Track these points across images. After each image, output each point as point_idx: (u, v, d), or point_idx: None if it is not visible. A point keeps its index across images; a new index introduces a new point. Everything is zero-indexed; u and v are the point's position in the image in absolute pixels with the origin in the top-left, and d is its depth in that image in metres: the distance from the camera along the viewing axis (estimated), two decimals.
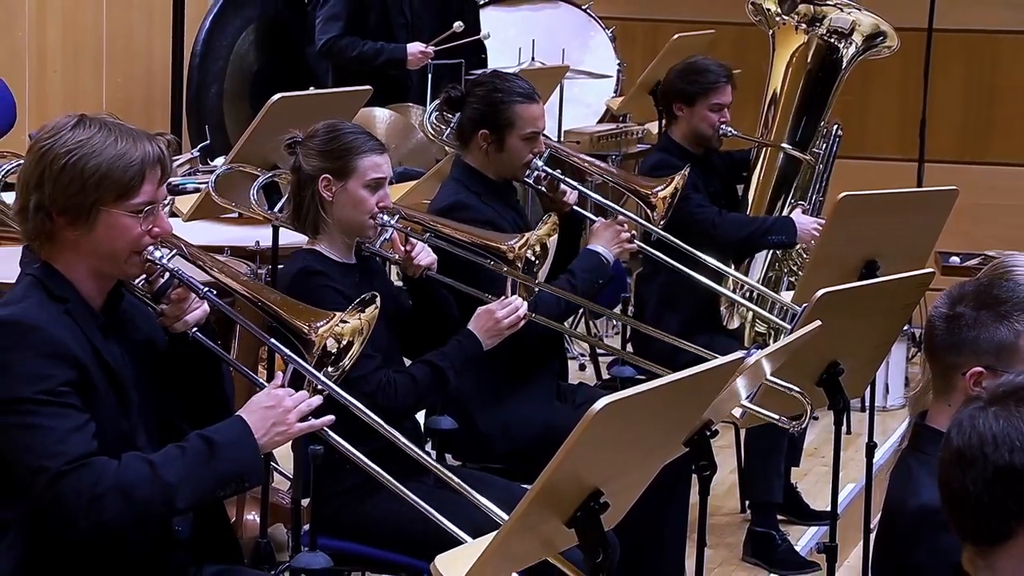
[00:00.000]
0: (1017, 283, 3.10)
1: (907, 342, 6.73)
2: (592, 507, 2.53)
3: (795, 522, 5.37)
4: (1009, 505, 2.28)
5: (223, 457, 2.90)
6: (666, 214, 4.69)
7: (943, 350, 2.95)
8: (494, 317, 3.87)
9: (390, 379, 3.75)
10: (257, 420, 2.93)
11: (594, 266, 4.46)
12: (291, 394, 2.97)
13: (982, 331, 2.90)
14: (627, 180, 4.92)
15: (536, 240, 3.98)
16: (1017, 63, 8.43)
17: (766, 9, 5.83)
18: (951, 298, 2.98)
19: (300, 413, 2.96)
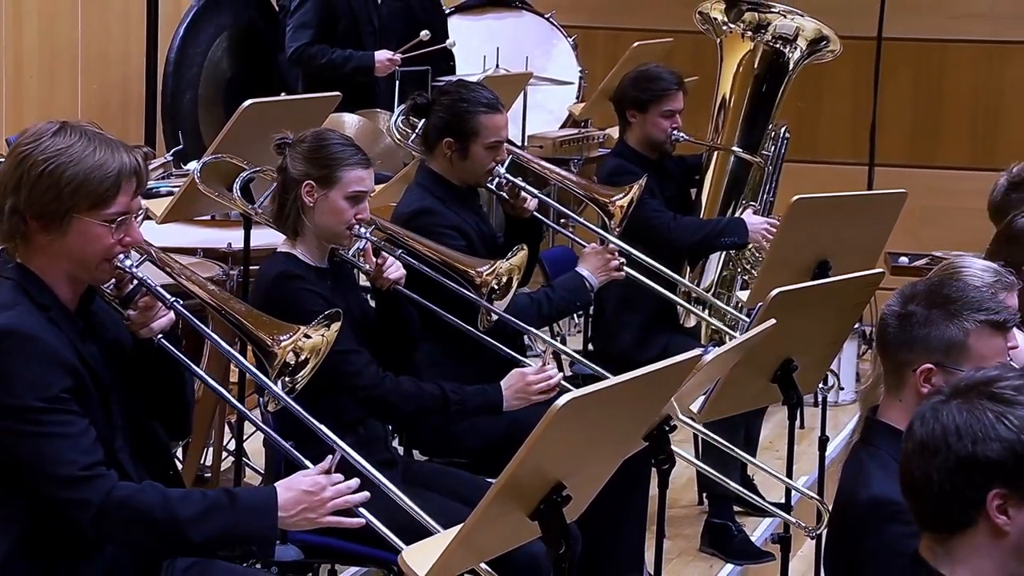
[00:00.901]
0: (966, 283, 3.12)
1: (858, 339, 6.76)
2: (555, 500, 2.53)
3: (751, 514, 5.38)
4: (970, 494, 2.29)
5: (240, 514, 2.91)
6: (622, 222, 4.70)
7: (895, 347, 2.96)
8: (526, 380, 3.86)
9: (390, 379, 3.74)
10: (291, 499, 2.92)
11: (576, 287, 4.47)
12: (335, 483, 2.94)
13: (933, 329, 2.91)
14: (586, 188, 4.92)
15: (506, 270, 3.98)
16: (963, 71, 8.48)
17: (713, 18, 5.85)
18: (903, 297, 2.99)
19: (335, 507, 2.93)
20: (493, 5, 8.26)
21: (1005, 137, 8.29)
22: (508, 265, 3.98)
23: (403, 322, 3.89)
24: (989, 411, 2.28)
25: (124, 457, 2.99)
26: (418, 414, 3.85)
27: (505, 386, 3.86)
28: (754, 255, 5.62)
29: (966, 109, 8.49)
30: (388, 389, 3.73)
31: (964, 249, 4.79)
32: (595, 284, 4.50)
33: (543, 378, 3.86)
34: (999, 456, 2.26)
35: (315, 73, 6.93)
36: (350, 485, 2.95)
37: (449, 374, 3.99)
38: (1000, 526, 2.28)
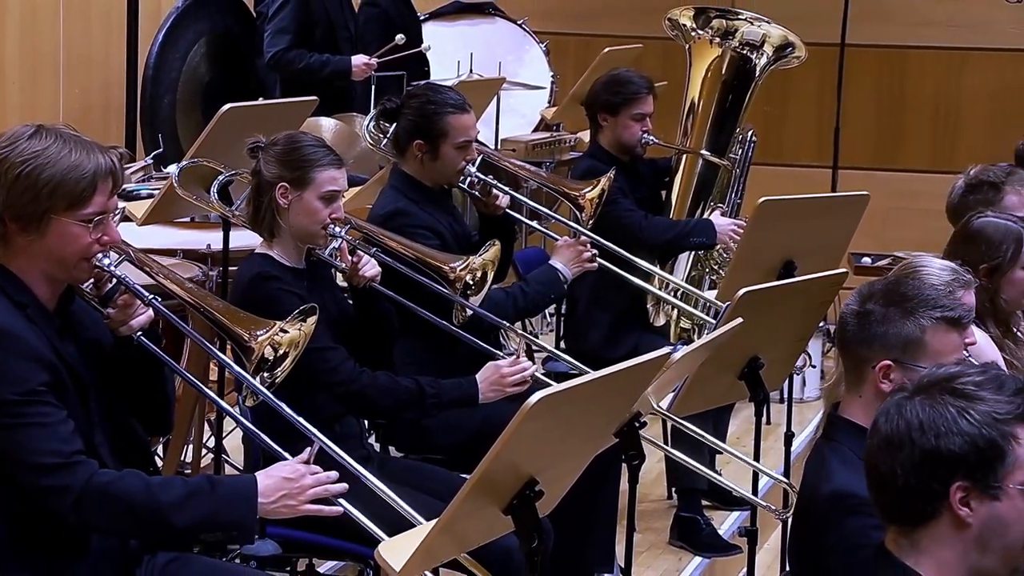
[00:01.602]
0: (923, 281, 3.14)
1: (822, 337, 6.77)
2: (528, 495, 2.53)
3: (718, 507, 5.39)
4: (934, 487, 2.30)
5: (221, 500, 2.90)
6: (594, 214, 4.70)
7: (854, 345, 2.97)
8: (500, 372, 3.85)
9: (367, 374, 3.74)
10: (271, 486, 2.91)
11: (550, 280, 4.47)
12: (315, 472, 2.94)
13: (890, 327, 2.92)
14: (556, 183, 4.92)
15: (479, 265, 3.97)
16: (924, 76, 8.52)
17: (682, 24, 5.86)
18: (862, 296, 3.00)
19: (314, 495, 2.93)
20: (467, 12, 8.26)
21: (964, 141, 8.33)
22: (481, 260, 3.98)
23: (380, 319, 3.88)
24: (951, 406, 2.29)
25: (104, 452, 2.98)
26: (395, 408, 3.84)
27: (480, 379, 3.85)
28: (722, 255, 5.63)
29: (926, 114, 8.53)
30: (364, 384, 3.72)
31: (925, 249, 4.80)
32: (569, 276, 4.50)
33: (517, 370, 3.86)
34: (961, 450, 2.27)
35: (293, 78, 6.92)
36: (330, 475, 2.95)
37: (427, 371, 3.98)
38: (963, 518, 2.29)
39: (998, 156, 5.69)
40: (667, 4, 6.00)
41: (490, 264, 3.99)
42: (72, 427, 2.87)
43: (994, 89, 8.42)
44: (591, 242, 4.57)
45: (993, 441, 2.28)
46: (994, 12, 7.71)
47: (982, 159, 5.21)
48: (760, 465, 4.00)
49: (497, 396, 3.86)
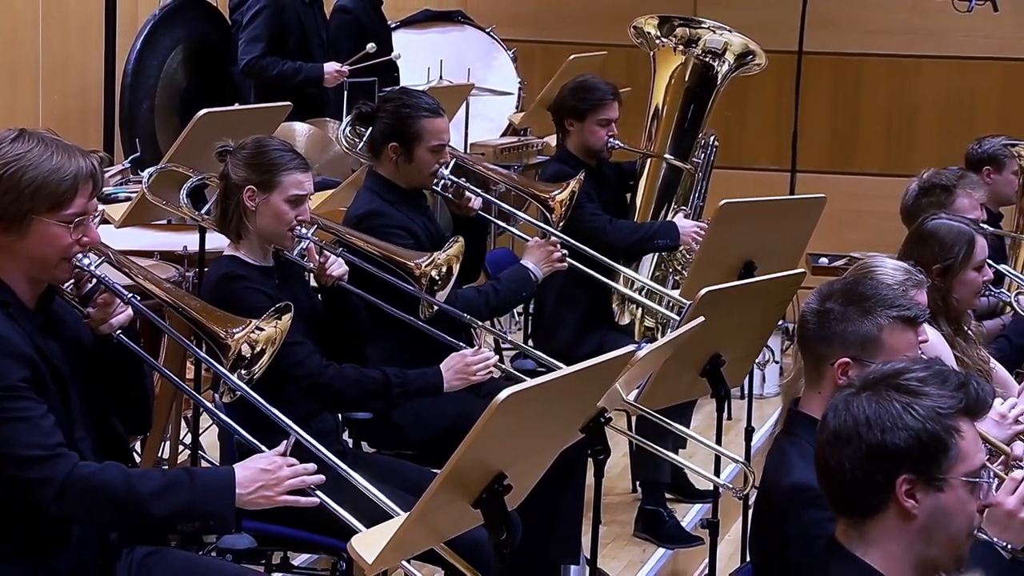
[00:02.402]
0: (880, 282, 3.15)
1: (782, 335, 6.78)
2: (496, 489, 2.53)
3: (681, 500, 5.40)
4: (880, 480, 2.31)
5: (199, 490, 2.90)
6: (564, 216, 4.71)
7: (814, 342, 2.98)
8: (465, 361, 3.87)
9: (333, 366, 3.73)
10: (248, 477, 2.91)
11: (522, 279, 4.48)
12: (291, 464, 2.93)
13: (849, 325, 2.93)
14: (527, 185, 4.93)
15: (444, 260, 3.97)
16: (878, 83, 8.55)
17: (647, 32, 5.87)
18: (821, 295, 3.01)
19: (291, 487, 2.92)
20: (437, 20, 8.26)
21: (918, 145, 8.37)
22: (446, 256, 3.99)
23: (349, 315, 3.89)
24: (896, 402, 2.31)
25: (85, 447, 2.97)
26: (361, 398, 3.85)
27: (445, 368, 3.86)
28: (684, 256, 5.64)
29: (881, 119, 8.56)
30: (331, 376, 3.72)
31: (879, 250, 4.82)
32: (539, 275, 4.50)
33: (481, 359, 3.87)
34: (906, 444, 2.29)
35: (267, 84, 6.90)
36: (307, 467, 2.94)
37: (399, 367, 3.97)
38: (909, 509, 2.30)
39: (950, 160, 5.72)
40: (632, 13, 6.01)
41: (454, 259, 4.00)
42: (53, 421, 2.87)
43: (946, 95, 8.46)
44: (561, 242, 4.58)
45: (937, 435, 2.29)
46: (945, 21, 7.75)
47: (934, 163, 5.24)
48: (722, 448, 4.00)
49: (462, 385, 3.87)
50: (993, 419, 3.30)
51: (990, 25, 7.83)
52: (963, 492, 2.31)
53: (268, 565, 3.94)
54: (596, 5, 8.57)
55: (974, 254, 4.03)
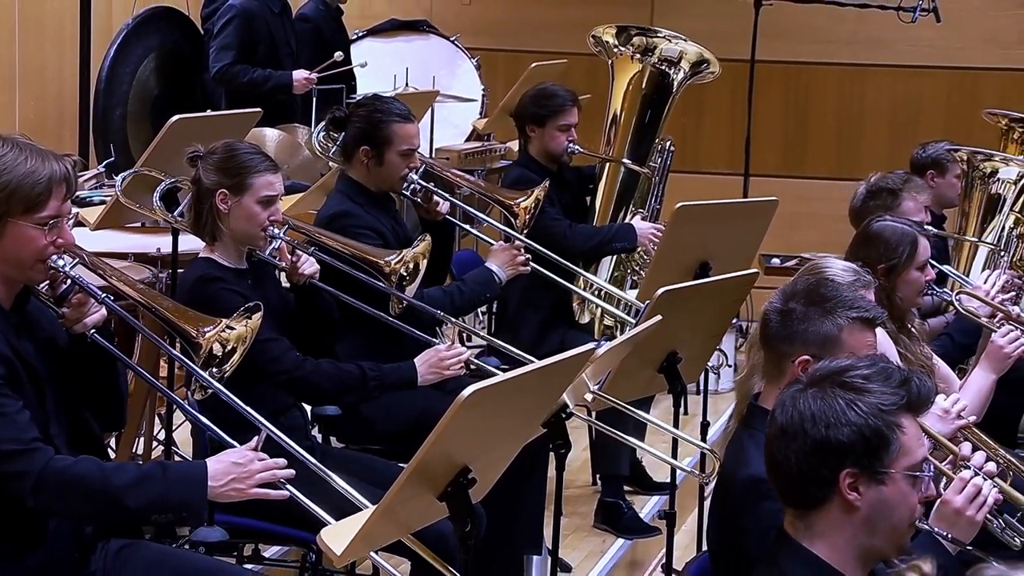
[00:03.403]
0: (840, 283, 3.16)
1: (735, 333, 6.81)
2: (461, 482, 2.53)
3: (639, 492, 5.41)
4: (825, 474, 2.33)
5: (172, 483, 2.89)
6: (528, 223, 4.71)
7: (776, 340, 2.98)
8: (439, 355, 3.87)
9: (309, 361, 3.72)
10: (220, 470, 2.90)
11: (486, 281, 4.48)
12: (263, 459, 2.92)
13: (810, 325, 2.94)
14: (493, 192, 4.92)
15: (411, 257, 3.98)
16: (827, 90, 8.59)
17: (605, 41, 5.87)
18: (784, 295, 3.02)
19: (261, 480, 2.91)
20: (403, 29, 8.25)
21: (865, 150, 8.41)
22: (413, 253, 3.99)
23: (321, 313, 3.88)
24: (840, 398, 2.32)
25: (60, 443, 2.96)
26: (339, 391, 3.84)
27: (419, 362, 3.86)
28: (642, 257, 5.64)
29: (830, 125, 8.60)
30: (308, 371, 3.72)
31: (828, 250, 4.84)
32: (504, 277, 4.51)
33: (454, 354, 3.88)
34: (849, 439, 2.30)
35: (237, 91, 6.88)
36: (278, 461, 2.94)
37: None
38: (852, 502, 2.32)
39: (896, 164, 5.74)
40: (591, 22, 6.01)
41: (421, 256, 4.00)
42: (28, 416, 2.85)
43: (892, 102, 8.51)
44: (524, 247, 4.58)
45: (879, 431, 2.31)
46: (891, 31, 7.79)
47: (881, 167, 5.26)
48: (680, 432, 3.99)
49: (435, 379, 3.87)
50: (937, 414, 3.32)
51: (933, 35, 7.88)
52: (904, 485, 2.33)
53: (240, 557, 3.92)
54: (557, 15, 8.58)
55: (917, 254, 4.05)
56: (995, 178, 5.89)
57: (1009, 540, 2.92)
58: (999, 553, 2.72)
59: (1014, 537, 2.93)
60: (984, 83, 8.29)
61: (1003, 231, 5.87)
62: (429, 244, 4.05)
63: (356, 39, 8.06)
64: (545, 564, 4.36)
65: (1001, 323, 4.25)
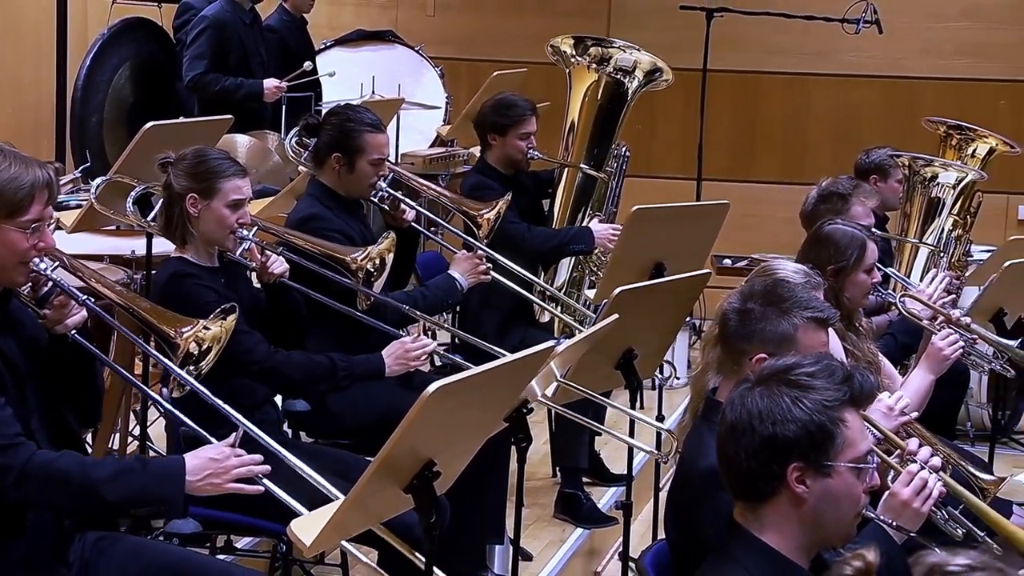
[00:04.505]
0: (796, 284, 3.16)
1: (689, 331, 6.81)
2: (426, 475, 2.51)
3: (597, 484, 5.41)
4: (773, 469, 2.33)
5: (150, 477, 2.87)
6: (490, 233, 4.71)
7: (735, 339, 2.99)
8: (405, 347, 3.86)
9: (282, 352, 3.71)
10: (197, 465, 2.88)
11: (448, 288, 4.47)
12: (239, 455, 2.90)
13: (768, 324, 2.94)
14: (459, 203, 4.91)
15: (377, 254, 3.96)
16: (775, 98, 8.63)
17: (563, 51, 5.87)
18: (743, 295, 3.02)
19: (238, 475, 2.89)
20: (369, 39, 8.24)
21: (811, 155, 8.45)
22: (378, 249, 3.98)
23: (290, 310, 3.86)
24: (786, 396, 2.33)
25: (40, 437, 2.94)
26: (309, 381, 3.83)
27: (386, 354, 3.85)
28: (600, 258, 5.64)
29: (778, 131, 8.64)
30: (280, 361, 3.71)
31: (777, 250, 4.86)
32: (465, 285, 4.50)
33: (419, 346, 3.87)
34: (795, 435, 2.31)
35: (210, 99, 6.84)
36: (254, 457, 2.92)
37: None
38: (799, 495, 2.32)
39: (839, 169, 5.77)
40: (550, 33, 6.01)
41: (387, 252, 3.99)
42: (11, 413, 2.83)
43: (836, 109, 8.56)
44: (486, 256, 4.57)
45: (823, 426, 2.32)
46: (835, 42, 7.83)
47: (826, 172, 5.28)
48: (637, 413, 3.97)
49: (402, 370, 3.86)
50: (881, 411, 3.34)
51: (875, 46, 7.93)
52: (849, 477, 2.34)
53: (212, 548, 3.89)
54: (517, 26, 8.58)
55: (865, 257, 4.07)
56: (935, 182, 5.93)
57: (952, 531, 2.94)
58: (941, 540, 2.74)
59: (956, 528, 2.95)
60: (922, 92, 8.34)
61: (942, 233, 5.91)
62: (393, 240, 4.04)
63: (324, 49, 8.04)
64: (507, 553, 4.35)
65: (941, 326, 4.27)
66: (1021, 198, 8.31)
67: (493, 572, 4.40)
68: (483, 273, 4.52)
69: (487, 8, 8.85)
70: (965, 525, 2.96)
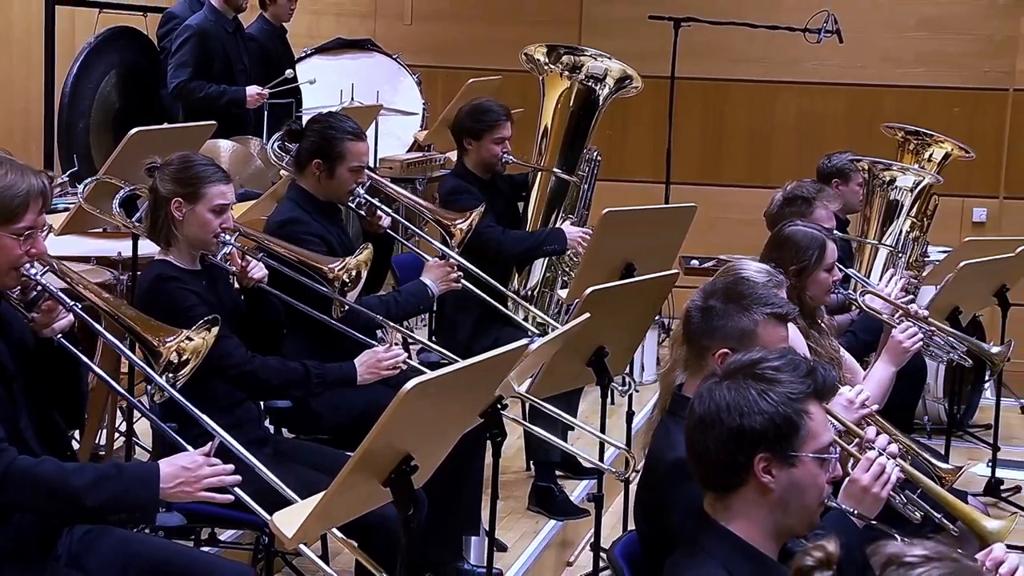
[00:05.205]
0: (756, 282, 3.17)
1: (658, 329, 6.83)
2: (404, 469, 2.51)
3: (570, 477, 5.41)
4: (740, 459, 2.34)
5: (126, 483, 2.85)
6: (462, 243, 4.70)
7: (698, 335, 2.99)
8: (377, 357, 3.84)
9: (258, 357, 3.69)
10: (170, 474, 2.86)
11: (420, 294, 4.47)
12: (212, 464, 2.89)
13: (729, 320, 2.95)
14: (434, 212, 4.91)
15: (354, 265, 3.95)
16: (741, 105, 8.65)
17: (536, 59, 5.88)
18: (705, 293, 3.03)
19: (209, 484, 2.88)
20: (349, 47, 8.22)
21: (775, 160, 8.47)
22: (356, 261, 3.97)
23: (269, 313, 3.85)
24: (753, 389, 2.33)
25: (28, 435, 2.92)
26: (284, 386, 3.81)
27: (359, 363, 3.84)
28: (572, 259, 5.65)
29: (743, 137, 8.66)
30: (256, 366, 3.69)
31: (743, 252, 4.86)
32: (436, 292, 4.50)
33: (391, 356, 3.85)
34: (762, 427, 2.31)
35: (194, 105, 6.82)
36: (227, 468, 2.90)
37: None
38: (766, 484, 2.33)
39: (803, 173, 5.79)
40: (524, 41, 6.01)
41: (363, 264, 3.98)
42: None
43: (799, 116, 8.58)
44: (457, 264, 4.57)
45: (789, 418, 2.32)
46: (799, 51, 7.86)
47: (790, 176, 5.29)
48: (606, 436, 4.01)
49: (373, 378, 3.84)
50: (843, 404, 3.35)
51: (836, 55, 7.96)
52: (813, 467, 2.35)
53: (197, 540, 3.88)
54: (493, 35, 8.58)
55: (825, 257, 4.08)
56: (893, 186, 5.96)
57: (910, 514, 2.95)
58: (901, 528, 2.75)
59: (914, 511, 2.96)
60: (882, 99, 8.38)
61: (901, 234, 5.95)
62: (371, 253, 4.04)
63: (305, 57, 8.02)
64: (483, 544, 4.35)
65: (901, 320, 4.29)
66: (976, 200, 8.37)
67: (469, 562, 4.40)
68: (454, 281, 4.52)
69: (463, 17, 8.85)
70: (923, 508, 2.98)
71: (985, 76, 8.34)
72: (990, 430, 6.07)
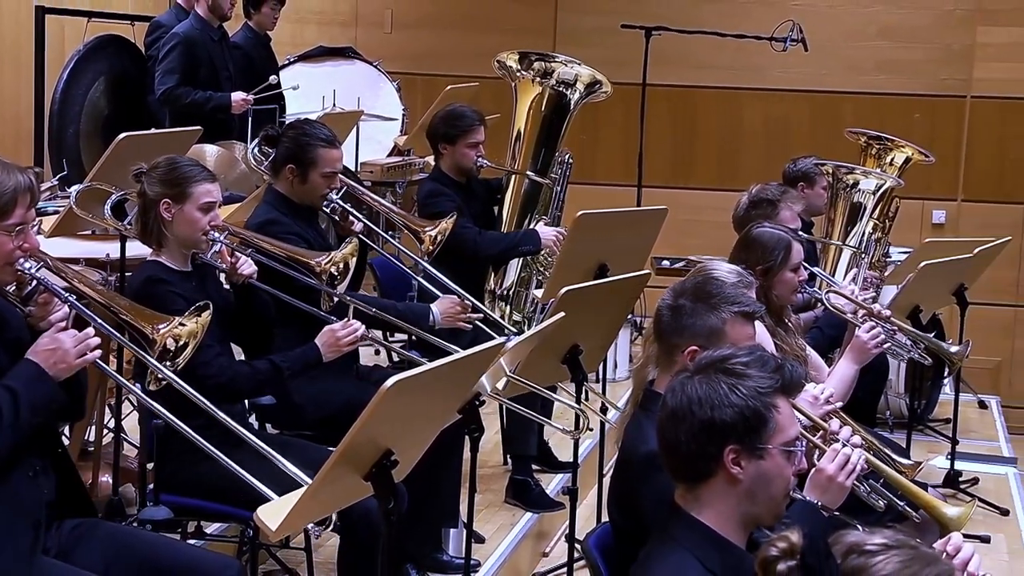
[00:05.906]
0: (725, 282, 3.17)
1: (630, 328, 6.83)
2: (385, 464, 2.50)
3: (546, 471, 5.41)
4: (710, 451, 2.34)
5: (23, 388, 2.82)
6: (432, 251, 4.68)
7: (668, 333, 2.99)
8: (335, 335, 3.80)
9: (232, 366, 3.67)
10: (42, 360, 2.86)
11: (423, 315, 4.49)
12: (72, 336, 2.88)
13: (698, 319, 2.95)
14: (405, 219, 4.90)
15: (340, 258, 3.94)
16: (710, 111, 8.67)
17: (509, 66, 5.88)
18: (675, 292, 3.03)
19: (79, 352, 2.87)
20: (330, 55, 8.21)
21: (743, 164, 8.50)
22: (342, 254, 3.96)
23: (259, 309, 3.83)
24: (723, 383, 2.34)
25: None
26: (257, 388, 3.81)
27: (320, 343, 3.80)
28: (547, 260, 5.65)
29: (712, 142, 8.68)
30: (229, 377, 3.65)
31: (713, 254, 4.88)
32: (438, 322, 4.51)
33: (350, 331, 3.82)
34: (732, 419, 2.32)
35: (181, 111, 6.80)
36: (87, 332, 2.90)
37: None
38: (735, 475, 2.34)
39: (770, 176, 5.81)
40: (501, 49, 6.01)
41: (350, 256, 3.97)
42: None
43: (766, 121, 8.61)
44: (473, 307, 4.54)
45: (758, 411, 2.33)
46: (765, 59, 7.88)
47: (758, 179, 5.30)
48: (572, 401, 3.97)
49: (336, 354, 3.81)
50: (808, 400, 3.36)
51: (801, 63, 7.99)
52: (781, 459, 2.35)
53: (184, 533, 3.86)
54: (470, 43, 8.58)
55: (791, 257, 4.10)
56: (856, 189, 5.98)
57: (874, 502, 2.96)
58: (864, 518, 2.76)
59: (878, 500, 2.98)
60: (845, 105, 8.42)
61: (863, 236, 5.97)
62: (356, 246, 4.02)
63: (288, 64, 8.00)
64: (461, 535, 4.35)
65: (864, 319, 4.31)
66: (935, 203, 8.41)
67: (448, 554, 4.39)
68: (463, 322, 4.53)
69: (441, 26, 8.84)
70: (887, 496, 2.99)
71: (943, 83, 8.39)
72: (949, 424, 6.10)
